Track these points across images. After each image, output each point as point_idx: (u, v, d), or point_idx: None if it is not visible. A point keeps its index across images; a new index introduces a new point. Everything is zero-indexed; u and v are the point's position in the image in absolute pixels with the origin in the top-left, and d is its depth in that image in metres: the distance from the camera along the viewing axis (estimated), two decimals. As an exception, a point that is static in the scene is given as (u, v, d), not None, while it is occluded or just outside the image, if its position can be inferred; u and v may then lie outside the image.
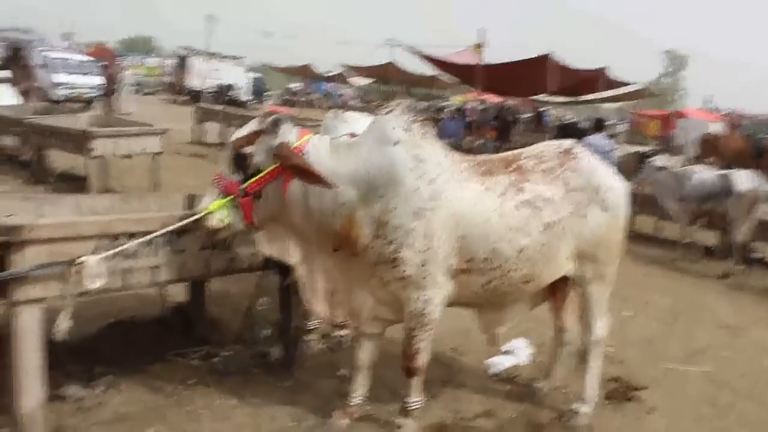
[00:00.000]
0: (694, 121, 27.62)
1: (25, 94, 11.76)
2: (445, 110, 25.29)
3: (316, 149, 3.39)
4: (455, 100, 36.25)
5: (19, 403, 3.18)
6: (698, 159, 15.43)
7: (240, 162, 3.38)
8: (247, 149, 3.37)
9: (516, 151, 4.05)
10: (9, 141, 11.25)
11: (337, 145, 3.46)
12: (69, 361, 4.07)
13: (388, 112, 3.55)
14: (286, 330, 4.41)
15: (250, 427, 3.69)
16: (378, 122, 3.56)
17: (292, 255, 3.58)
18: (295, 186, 3.35)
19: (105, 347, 4.32)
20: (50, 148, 9.72)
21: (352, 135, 3.81)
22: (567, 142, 4.11)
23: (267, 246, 3.58)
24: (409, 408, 3.76)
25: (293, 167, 3.28)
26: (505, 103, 23.85)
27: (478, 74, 13.38)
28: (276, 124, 3.35)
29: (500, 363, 4.85)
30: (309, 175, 3.27)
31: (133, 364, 4.15)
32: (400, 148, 3.42)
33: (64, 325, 3.11)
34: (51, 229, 3.11)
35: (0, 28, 25.35)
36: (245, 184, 3.36)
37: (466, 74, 17.33)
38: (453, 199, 3.48)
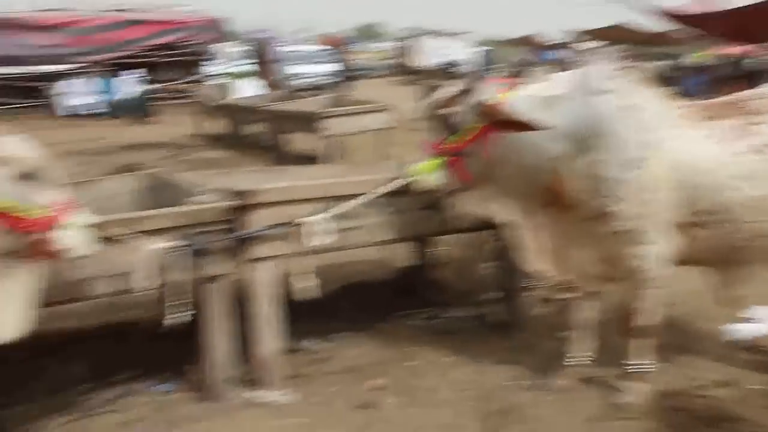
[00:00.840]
0: None
1: (271, 85, 13.10)
2: (683, 68, 23.38)
3: (519, 104, 3.31)
4: (695, 56, 33.26)
5: (257, 351, 3.53)
6: None
7: (444, 123, 3.40)
8: (450, 110, 3.38)
9: (744, 92, 3.64)
10: (255, 128, 12.44)
11: (540, 100, 3.34)
12: (308, 318, 4.44)
13: (591, 63, 3.39)
14: (508, 291, 4.41)
15: (468, 383, 3.75)
16: (582, 74, 3.40)
17: (504, 214, 3.54)
18: (502, 143, 3.29)
19: (340, 307, 4.63)
20: (289, 131, 10.56)
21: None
22: (809, 77, 3.62)
23: (478, 206, 3.57)
24: (632, 371, 3.57)
25: (500, 121, 3.23)
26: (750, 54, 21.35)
27: (721, 21, 12.00)
28: (475, 83, 3.33)
29: (741, 330, 4.42)
30: (518, 125, 3.19)
31: (364, 323, 4.40)
32: (607, 98, 3.23)
33: (308, 283, 3.40)
34: (276, 193, 3.40)
35: (247, 31, 27.96)
36: (450, 145, 3.38)
37: (707, 24, 15.80)
38: (669, 148, 3.22)
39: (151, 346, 4.02)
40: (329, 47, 28.34)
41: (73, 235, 2.61)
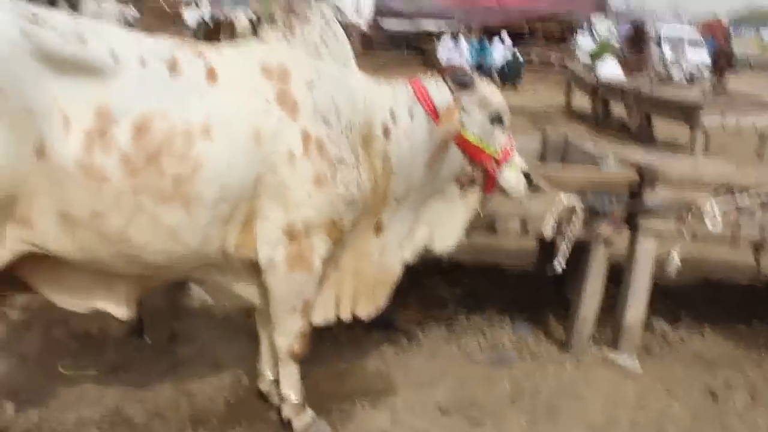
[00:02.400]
0: None
1: (633, 68, 12.87)
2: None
3: None
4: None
5: (623, 316, 3.81)
6: None
7: None
8: None
9: None
10: (618, 109, 12.38)
11: None
12: (661, 300, 4.57)
13: None
14: None
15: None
16: None
17: None
18: None
19: (695, 297, 4.70)
20: (657, 116, 10.36)
21: None
22: None
23: None
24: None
25: None
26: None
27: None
28: None
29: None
30: None
31: (718, 318, 4.39)
32: None
33: (675, 262, 3.58)
34: (679, 175, 3.58)
35: (621, 11, 27.16)
36: None
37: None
38: None
39: (515, 289, 4.55)
40: (707, 32, 26.39)
41: (514, 176, 3.06)
